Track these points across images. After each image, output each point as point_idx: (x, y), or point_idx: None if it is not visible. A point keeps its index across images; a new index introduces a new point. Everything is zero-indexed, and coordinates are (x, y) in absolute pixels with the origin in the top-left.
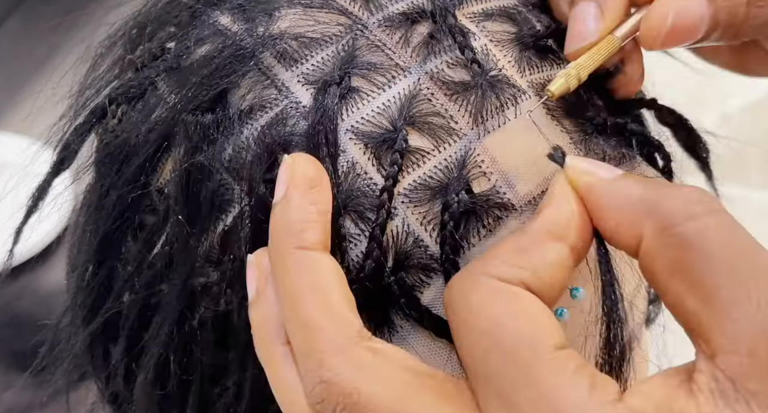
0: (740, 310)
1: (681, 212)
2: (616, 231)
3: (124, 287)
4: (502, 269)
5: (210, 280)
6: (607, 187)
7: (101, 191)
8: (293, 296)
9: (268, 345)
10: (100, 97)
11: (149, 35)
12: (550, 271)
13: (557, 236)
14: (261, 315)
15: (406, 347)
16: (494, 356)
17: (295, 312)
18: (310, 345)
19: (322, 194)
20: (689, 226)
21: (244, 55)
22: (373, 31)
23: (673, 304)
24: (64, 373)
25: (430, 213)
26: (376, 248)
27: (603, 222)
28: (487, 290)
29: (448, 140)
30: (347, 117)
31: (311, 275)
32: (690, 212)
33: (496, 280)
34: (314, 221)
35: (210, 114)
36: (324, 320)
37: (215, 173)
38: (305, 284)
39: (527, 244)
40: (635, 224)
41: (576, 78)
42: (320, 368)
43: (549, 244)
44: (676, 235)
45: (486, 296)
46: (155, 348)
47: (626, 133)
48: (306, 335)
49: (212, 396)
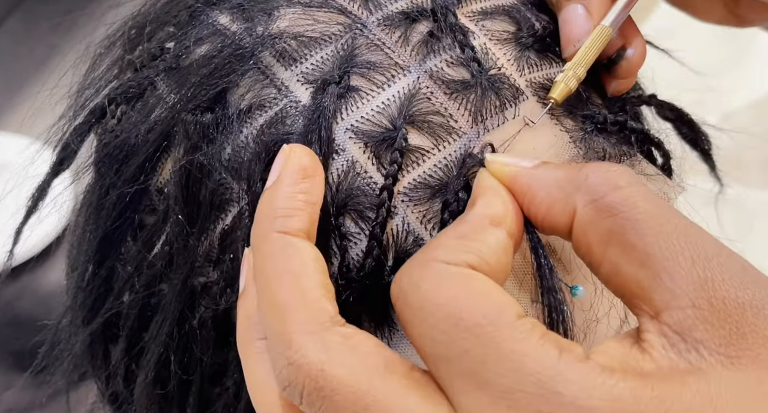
0: (677, 267)
1: (606, 184)
2: (548, 215)
3: (124, 288)
4: (449, 254)
5: (210, 279)
6: (532, 174)
7: (101, 191)
8: (267, 278)
9: (246, 340)
10: (99, 98)
11: (148, 35)
12: (494, 255)
13: (496, 222)
14: (245, 309)
15: (407, 345)
16: (456, 337)
17: (268, 294)
18: (281, 326)
19: (314, 185)
20: (616, 195)
21: (244, 55)
22: (372, 30)
23: (609, 274)
24: (64, 373)
25: (430, 212)
26: (376, 247)
27: (534, 208)
28: (437, 275)
29: (447, 139)
30: (347, 116)
31: (288, 260)
32: (614, 183)
33: (444, 264)
34: (300, 209)
35: (209, 113)
36: (296, 303)
37: (215, 173)
38: (280, 268)
39: (468, 230)
40: (566, 202)
41: (575, 78)
42: (288, 349)
43: (489, 229)
44: (605, 205)
45: (438, 280)
46: (155, 347)
47: (626, 130)
48: (277, 317)
49: (212, 395)
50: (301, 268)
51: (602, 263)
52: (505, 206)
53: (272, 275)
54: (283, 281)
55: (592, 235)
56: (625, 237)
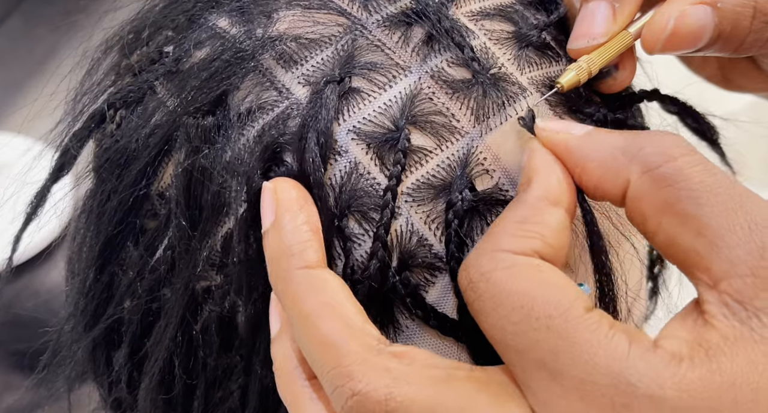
0: (735, 235)
1: (661, 154)
2: (600, 183)
3: (126, 293)
4: (514, 242)
5: (213, 283)
6: (583, 142)
7: (102, 196)
8: (307, 317)
9: (291, 383)
10: (97, 103)
11: (146, 39)
12: (556, 236)
13: (554, 201)
14: (282, 351)
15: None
16: (528, 327)
17: (312, 332)
18: (335, 361)
19: (310, 212)
20: (671, 165)
21: (244, 58)
22: (372, 31)
23: (666, 244)
24: (66, 380)
25: (434, 212)
26: (380, 248)
27: (586, 176)
28: (506, 265)
29: (450, 139)
30: (349, 117)
31: (320, 294)
32: (669, 153)
33: (511, 254)
34: (309, 240)
35: (210, 117)
36: (343, 334)
37: (216, 176)
38: (316, 304)
39: (529, 214)
40: (620, 171)
41: (587, 72)
42: (351, 381)
43: (549, 210)
44: (660, 175)
45: (508, 270)
46: (159, 352)
47: (626, 128)
48: (328, 352)
49: (217, 400)
50: (334, 299)
51: (657, 233)
52: (560, 184)
53: (310, 312)
54: (323, 316)
55: (647, 205)
56: (681, 207)
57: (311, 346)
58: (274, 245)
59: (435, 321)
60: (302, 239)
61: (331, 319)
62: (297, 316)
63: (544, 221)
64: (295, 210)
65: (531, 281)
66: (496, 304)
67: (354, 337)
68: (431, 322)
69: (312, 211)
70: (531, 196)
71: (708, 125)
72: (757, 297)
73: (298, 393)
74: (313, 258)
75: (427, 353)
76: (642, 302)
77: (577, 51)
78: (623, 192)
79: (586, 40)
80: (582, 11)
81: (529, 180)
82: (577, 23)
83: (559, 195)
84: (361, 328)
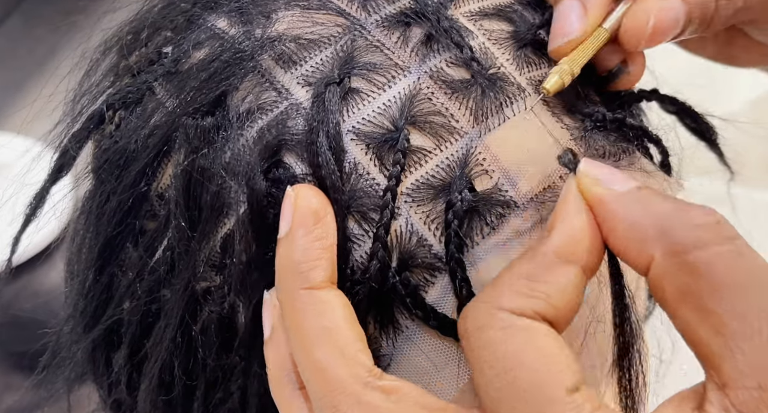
0: (751, 343)
1: (691, 239)
2: (626, 248)
3: (126, 294)
4: (516, 300)
5: (213, 284)
6: (620, 202)
7: (101, 197)
8: (304, 338)
9: (282, 388)
10: (97, 104)
11: (145, 40)
12: (563, 296)
13: (568, 259)
14: (275, 355)
15: (412, 346)
16: (510, 393)
17: (307, 355)
18: (324, 388)
19: (326, 227)
20: (699, 255)
21: (243, 58)
22: (371, 31)
23: (683, 329)
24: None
25: (434, 212)
26: (380, 249)
27: (612, 238)
28: (503, 326)
29: (449, 139)
30: (348, 118)
31: (320, 317)
32: (700, 239)
33: (509, 314)
34: (320, 258)
35: (210, 117)
36: (335, 362)
37: (216, 176)
38: (315, 327)
39: (538, 271)
40: (646, 245)
41: (569, 73)
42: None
43: (560, 268)
44: (685, 262)
45: (501, 332)
46: (159, 353)
47: (625, 128)
48: (318, 378)
49: (216, 401)
50: (333, 324)
51: (677, 317)
52: (581, 238)
53: (307, 333)
54: (319, 340)
55: (669, 287)
56: (702, 302)
57: (304, 366)
58: (285, 257)
59: (435, 321)
60: (312, 258)
61: (326, 345)
62: (294, 336)
63: (554, 280)
64: (310, 225)
65: (523, 347)
66: (485, 362)
67: (344, 366)
68: (431, 322)
69: (329, 224)
70: (546, 248)
71: (707, 125)
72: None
73: (289, 399)
74: (320, 278)
75: (419, 391)
76: (640, 301)
77: (557, 51)
78: (647, 266)
79: (563, 38)
80: (555, 13)
81: (552, 227)
82: (552, 25)
83: (577, 252)
84: (353, 357)
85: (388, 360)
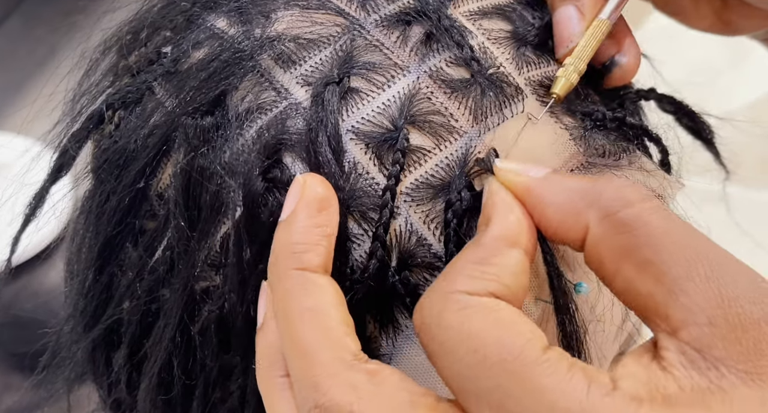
0: (693, 284)
1: (620, 200)
2: (560, 227)
3: (125, 294)
4: (469, 283)
5: (212, 283)
6: (543, 185)
7: (101, 197)
8: (289, 317)
9: (267, 375)
10: (96, 104)
11: (144, 40)
12: (513, 278)
13: (512, 243)
14: (264, 343)
15: (412, 345)
16: (484, 371)
17: (291, 335)
18: (305, 368)
19: (330, 216)
20: (629, 212)
21: (242, 58)
22: (370, 31)
23: (624, 289)
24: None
25: (433, 212)
26: (379, 248)
27: (545, 221)
28: (460, 307)
29: (448, 139)
30: (347, 117)
31: (308, 297)
32: (627, 199)
33: (466, 295)
34: (317, 244)
35: (209, 117)
36: (319, 343)
37: (215, 176)
38: (301, 306)
39: (486, 255)
40: (579, 216)
41: (576, 72)
42: (316, 392)
43: (506, 251)
44: (619, 221)
45: (460, 312)
46: (158, 353)
47: (625, 127)
48: (301, 358)
49: (216, 400)
50: (321, 306)
51: (615, 279)
52: (519, 224)
53: (293, 315)
54: (304, 321)
55: (606, 251)
56: (639, 254)
57: (288, 347)
58: (282, 238)
59: None
60: (309, 241)
61: (310, 325)
62: (281, 315)
63: (501, 262)
64: (314, 211)
65: (484, 323)
66: (449, 348)
67: (328, 348)
68: None
69: (333, 215)
70: (488, 236)
71: (704, 124)
72: (716, 346)
73: (272, 387)
74: (314, 262)
75: (402, 376)
76: None
77: (564, 57)
78: (582, 237)
79: (568, 45)
80: (554, 21)
81: (488, 220)
82: (554, 32)
83: (518, 236)
84: (338, 339)
85: (387, 359)
